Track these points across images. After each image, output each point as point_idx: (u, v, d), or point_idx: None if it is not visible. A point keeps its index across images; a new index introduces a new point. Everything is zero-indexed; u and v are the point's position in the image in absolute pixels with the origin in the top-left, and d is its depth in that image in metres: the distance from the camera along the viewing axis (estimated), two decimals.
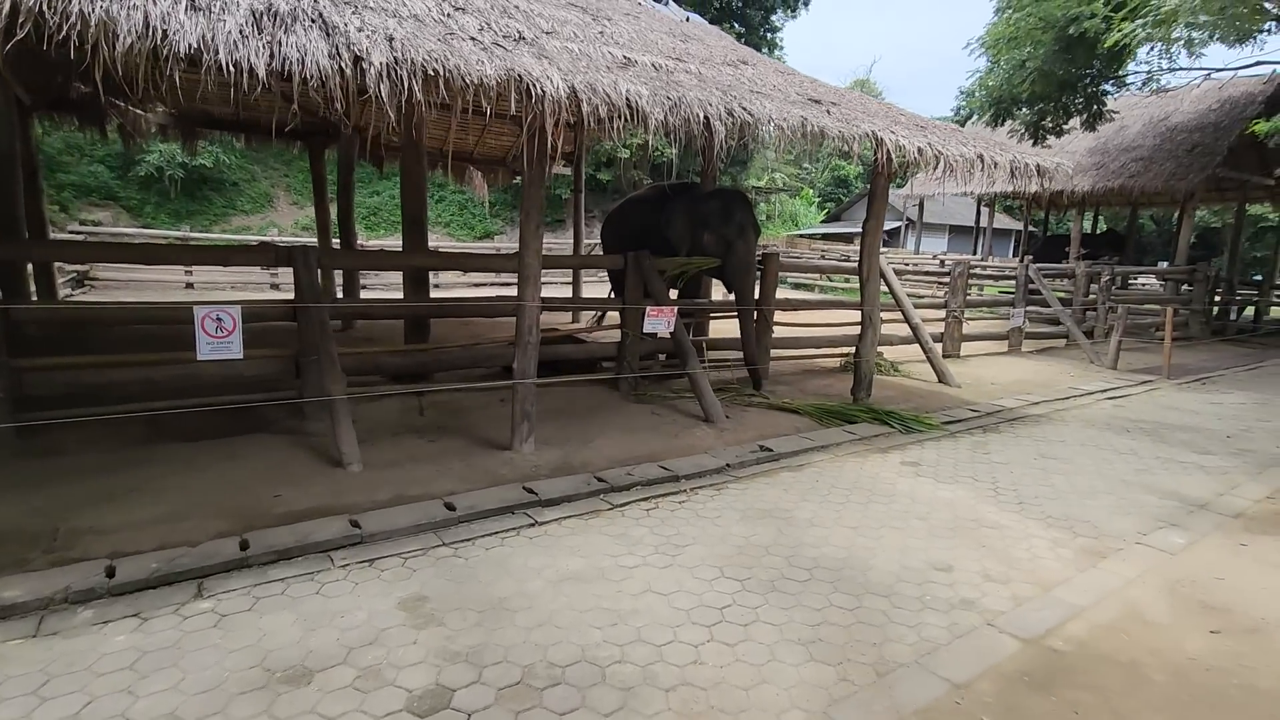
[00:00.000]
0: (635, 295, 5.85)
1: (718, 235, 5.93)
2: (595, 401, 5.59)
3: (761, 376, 6.60)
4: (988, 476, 4.13)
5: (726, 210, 5.96)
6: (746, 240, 5.99)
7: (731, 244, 5.94)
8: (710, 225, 5.93)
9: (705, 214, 5.95)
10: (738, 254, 5.96)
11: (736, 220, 5.93)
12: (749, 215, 6.07)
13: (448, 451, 4.24)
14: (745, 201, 6.21)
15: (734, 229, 5.92)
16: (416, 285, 5.96)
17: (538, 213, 4.00)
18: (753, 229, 6.06)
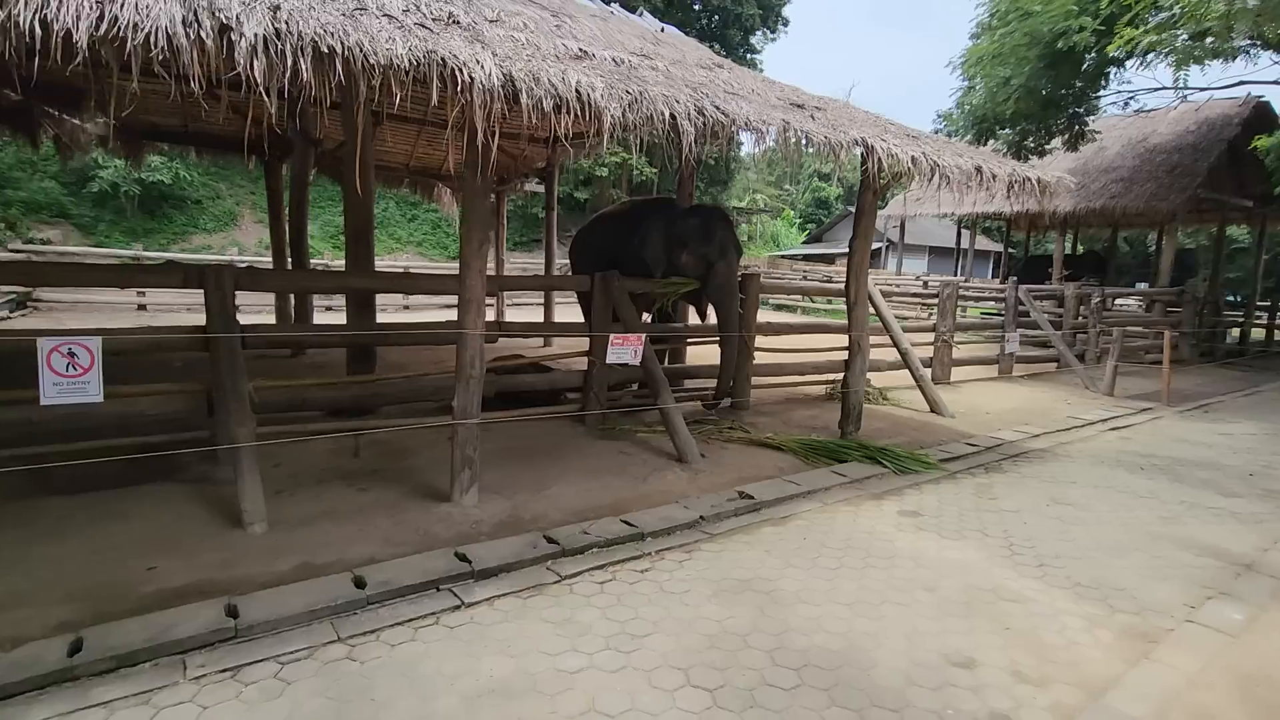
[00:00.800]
0: (603, 320, 5.32)
1: (697, 255, 5.43)
2: (557, 438, 5.02)
3: (743, 408, 6.09)
4: (998, 529, 3.61)
5: (706, 228, 5.47)
6: (728, 261, 5.50)
7: (712, 265, 5.44)
8: (689, 244, 5.43)
9: (683, 232, 5.45)
10: (719, 275, 5.47)
11: (717, 239, 5.44)
12: (730, 234, 5.59)
13: (377, 504, 3.64)
14: (726, 219, 5.73)
15: (714, 249, 5.43)
16: (360, 309, 5.38)
17: (480, 229, 3.46)
18: (734, 249, 5.58)
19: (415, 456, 4.52)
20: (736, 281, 5.61)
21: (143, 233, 16.46)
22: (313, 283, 4.13)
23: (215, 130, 9.50)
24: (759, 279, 6.25)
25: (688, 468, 4.48)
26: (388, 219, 19.65)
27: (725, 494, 3.98)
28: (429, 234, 20.01)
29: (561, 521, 3.52)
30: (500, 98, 2.64)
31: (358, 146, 5.43)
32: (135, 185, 15.84)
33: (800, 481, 4.24)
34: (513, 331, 5.06)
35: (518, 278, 5.09)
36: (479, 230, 3.45)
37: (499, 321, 4.95)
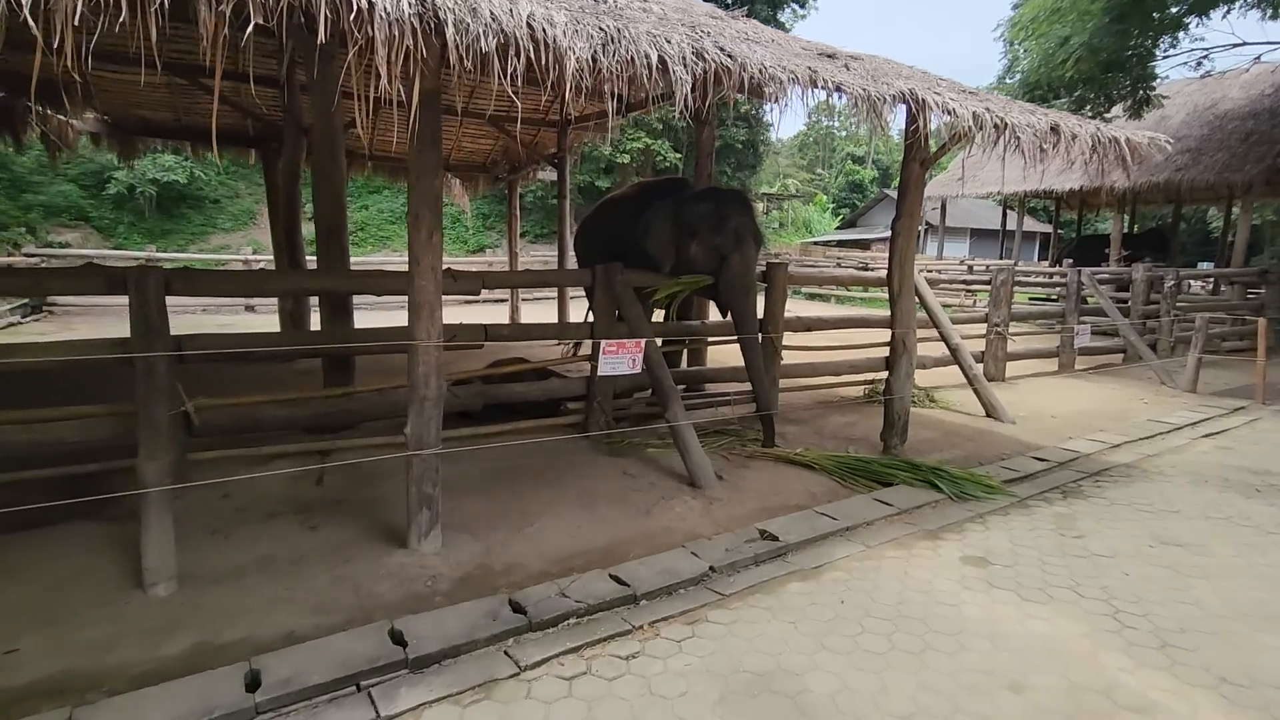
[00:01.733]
0: (605, 320, 4.63)
1: (709, 246, 4.67)
2: (554, 456, 4.36)
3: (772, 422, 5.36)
4: (1093, 584, 2.82)
5: (719, 214, 4.70)
6: (745, 253, 4.74)
7: (726, 257, 4.68)
8: (699, 234, 4.68)
9: (693, 219, 4.70)
10: (734, 270, 4.70)
11: (732, 227, 4.67)
12: (749, 220, 4.81)
13: (322, 550, 3.02)
14: (744, 203, 4.94)
15: (729, 238, 4.66)
16: (335, 313, 4.78)
17: (431, 214, 2.79)
18: (753, 238, 4.80)
19: (386, 482, 3.90)
20: (754, 277, 4.81)
21: (160, 234, 16.31)
22: (261, 284, 3.55)
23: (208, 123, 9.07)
24: (786, 269, 5.48)
25: (701, 494, 3.78)
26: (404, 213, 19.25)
27: (744, 532, 3.26)
28: (447, 228, 19.53)
29: (540, 574, 2.86)
30: (416, 32, 1.95)
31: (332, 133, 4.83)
32: (151, 186, 15.67)
33: (837, 514, 3.49)
34: (501, 335, 4.40)
35: (505, 273, 4.42)
36: (429, 215, 2.78)
37: (484, 325, 4.29)
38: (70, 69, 1.75)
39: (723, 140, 21.03)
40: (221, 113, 8.80)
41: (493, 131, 9.91)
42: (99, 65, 7.44)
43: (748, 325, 4.73)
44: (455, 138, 10.12)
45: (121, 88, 7.96)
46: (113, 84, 7.83)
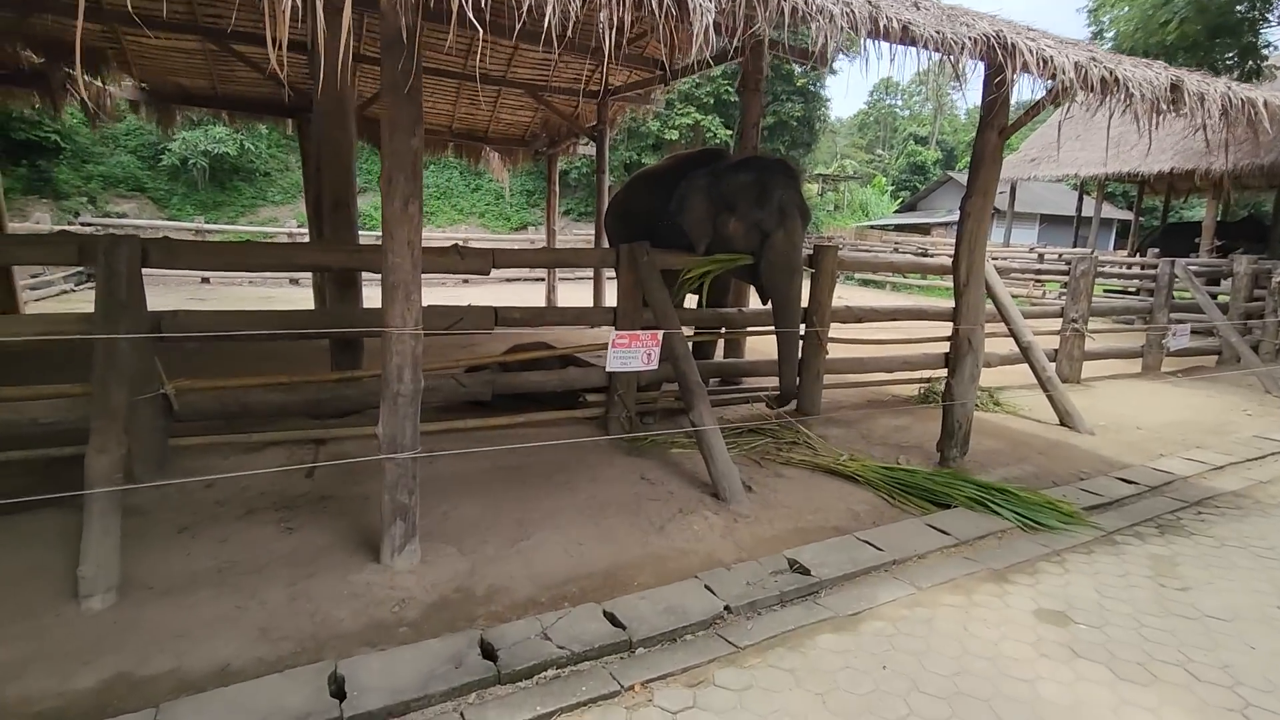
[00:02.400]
0: (630, 304, 4.18)
1: (748, 222, 4.17)
2: (567, 453, 3.96)
3: (810, 413, 4.83)
4: (1210, 659, 2.25)
5: (761, 186, 4.18)
6: (789, 229, 4.20)
7: (768, 235, 4.16)
8: (737, 208, 4.16)
9: (731, 192, 4.19)
10: (777, 249, 4.18)
11: (776, 201, 4.13)
12: (794, 194, 4.26)
13: (291, 558, 2.69)
14: (789, 174, 4.37)
15: (771, 213, 4.14)
16: (343, 289, 4.47)
17: (407, 179, 2.37)
18: (799, 213, 4.26)
19: (380, 477, 3.58)
20: (800, 259, 4.27)
21: (213, 205, 16.56)
22: (245, 257, 3.25)
23: (244, 92, 8.92)
24: (836, 252, 4.90)
25: (725, 508, 3.31)
26: (450, 189, 19.11)
27: (770, 561, 2.79)
28: (491, 205, 19.32)
29: (526, 602, 2.46)
30: None
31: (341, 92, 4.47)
32: (203, 158, 15.86)
33: (882, 543, 2.98)
34: (513, 320, 3.99)
35: (519, 251, 4.01)
36: (404, 182, 2.36)
37: (494, 309, 3.89)
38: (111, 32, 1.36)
39: (776, 116, 20.13)
40: (255, 81, 8.62)
41: (531, 103, 9.49)
42: (133, 30, 7.33)
43: (789, 312, 4.20)
44: (494, 109, 9.75)
45: (158, 54, 7.83)
46: (149, 50, 7.71)
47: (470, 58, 8.39)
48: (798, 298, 4.23)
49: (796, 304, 4.22)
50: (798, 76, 19.30)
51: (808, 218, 4.23)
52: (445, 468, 3.74)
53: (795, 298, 4.21)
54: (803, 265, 4.22)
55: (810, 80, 18.12)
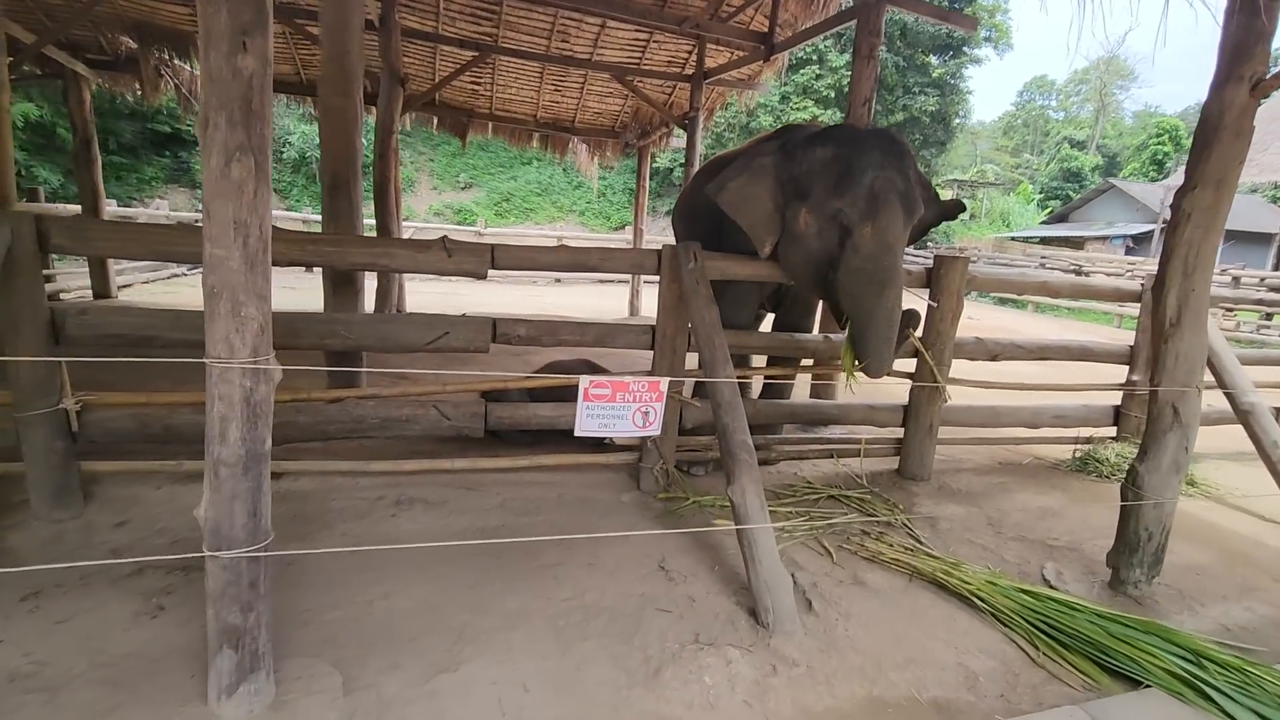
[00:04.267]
0: (671, 326, 3.17)
1: (823, 215, 2.95)
2: (576, 514, 3.01)
3: (918, 479, 3.61)
4: None
5: (845, 164, 2.91)
6: (882, 225, 2.89)
7: (850, 231, 2.93)
8: (811, 194, 2.99)
9: (801, 174, 3.02)
10: (861, 249, 2.90)
11: (864, 184, 2.87)
12: (894, 176, 2.93)
13: (116, 669, 1.90)
14: (888, 149, 3.00)
15: (857, 200, 2.87)
16: (339, 288, 3.75)
17: (233, 126, 1.46)
18: (899, 203, 2.92)
19: (328, 525, 2.79)
20: (895, 266, 2.95)
21: None
22: (169, 244, 2.57)
23: None
24: (964, 265, 3.60)
25: (763, 643, 2.21)
26: (552, 186, 18.75)
27: None
28: (592, 203, 18.78)
29: None
30: None
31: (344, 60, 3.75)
32: (318, 150, 16.35)
33: None
34: (517, 335, 3.08)
35: (530, 250, 3.08)
36: (228, 129, 1.46)
37: (492, 321, 3.00)
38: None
39: (907, 112, 18.19)
40: None
41: (620, 89, 8.63)
42: None
43: (875, 344, 2.95)
44: (580, 95, 8.98)
45: None
46: None
47: (554, 39, 7.64)
48: (888, 320, 2.94)
49: (886, 330, 2.95)
50: (934, 67, 17.28)
51: (913, 210, 2.97)
52: (409, 525, 2.89)
53: (884, 319, 2.93)
54: (900, 276, 2.98)
55: (949, 71, 16.09)
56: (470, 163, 18.50)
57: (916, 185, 3.04)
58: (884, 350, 2.91)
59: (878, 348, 2.91)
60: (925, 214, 3.19)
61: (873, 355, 2.92)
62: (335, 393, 2.99)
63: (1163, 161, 29.80)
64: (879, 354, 2.91)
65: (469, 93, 8.88)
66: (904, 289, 3.07)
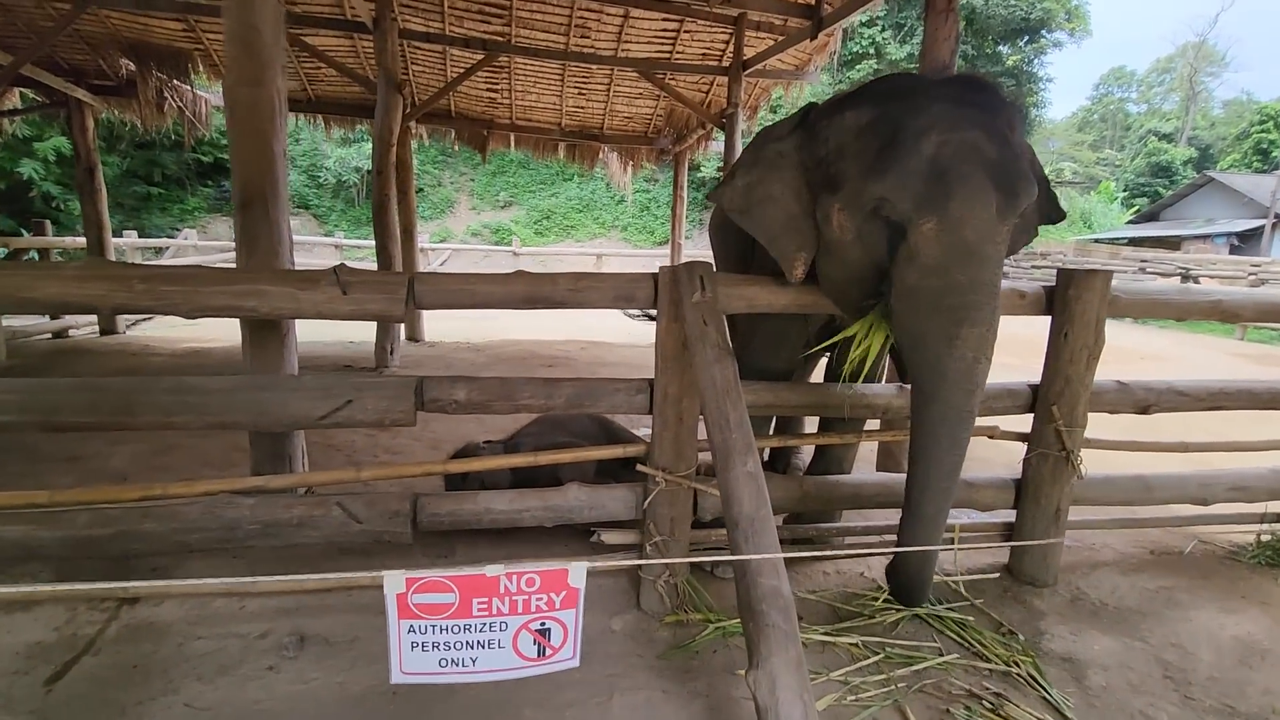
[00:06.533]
0: (676, 382, 2.19)
1: (859, 209, 1.89)
2: None
3: (1038, 584, 2.51)
4: None
5: (889, 127, 1.82)
6: (952, 219, 1.75)
7: (902, 230, 1.83)
8: (841, 181, 1.92)
9: (831, 152, 1.97)
10: (920, 260, 1.81)
11: (922, 155, 1.75)
12: (982, 137, 1.77)
13: None
14: (970, 97, 1.86)
15: (907, 182, 1.76)
16: (255, 334, 2.91)
17: None
18: (992, 181, 1.75)
19: (171, 687, 1.92)
20: (984, 282, 1.81)
21: (365, 221, 16.82)
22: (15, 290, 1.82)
23: (335, 94, 8.12)
24: (1104, 283, 2.48)
25: None
26: (594, 201, 18.04)
27: None
28: (635, 218, 17.95)
29: None
30: None
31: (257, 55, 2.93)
32: (354, 174, 16.13)
33: None
34: (455, 404, 2.15)
35: (460, 279, 2.20)
36: None
37: (417, 381, 2.08)
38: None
39: None
40: (339, 81, 7.72)
41: (651, 89, 7.74)
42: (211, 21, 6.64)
43: (946, 401, 1.86)
44: (607, 98, 8.13)
45: None
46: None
47: (572, 34, 6.81)
48: (970, 372, 1.83)
49: (965, 383, 1.86)
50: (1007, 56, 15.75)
51: (1016, 191, 1.81)
52: (286, 686, 2.00)
53: (962, 370, 1.82)
54: (991, 306, 1.85)
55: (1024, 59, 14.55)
56: (510, 180, 18.01)
57: (1022, 157, 1.93)
58: (960, 400, 1.82)
59: (950, 408, 1.83)
60: (1032, 208, 2.09)
61: (944, 422, 1.84)
62: (198, 485, 2.12)
63: (1268, 150, 26.95)
64: (957, 402, 1.83)
65: (486, 101, 8.16)
66: (997, 326, 1.90)
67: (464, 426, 4.30)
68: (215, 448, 3.83)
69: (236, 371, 2.59)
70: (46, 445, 3.76)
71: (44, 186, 12.54)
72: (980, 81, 1.93)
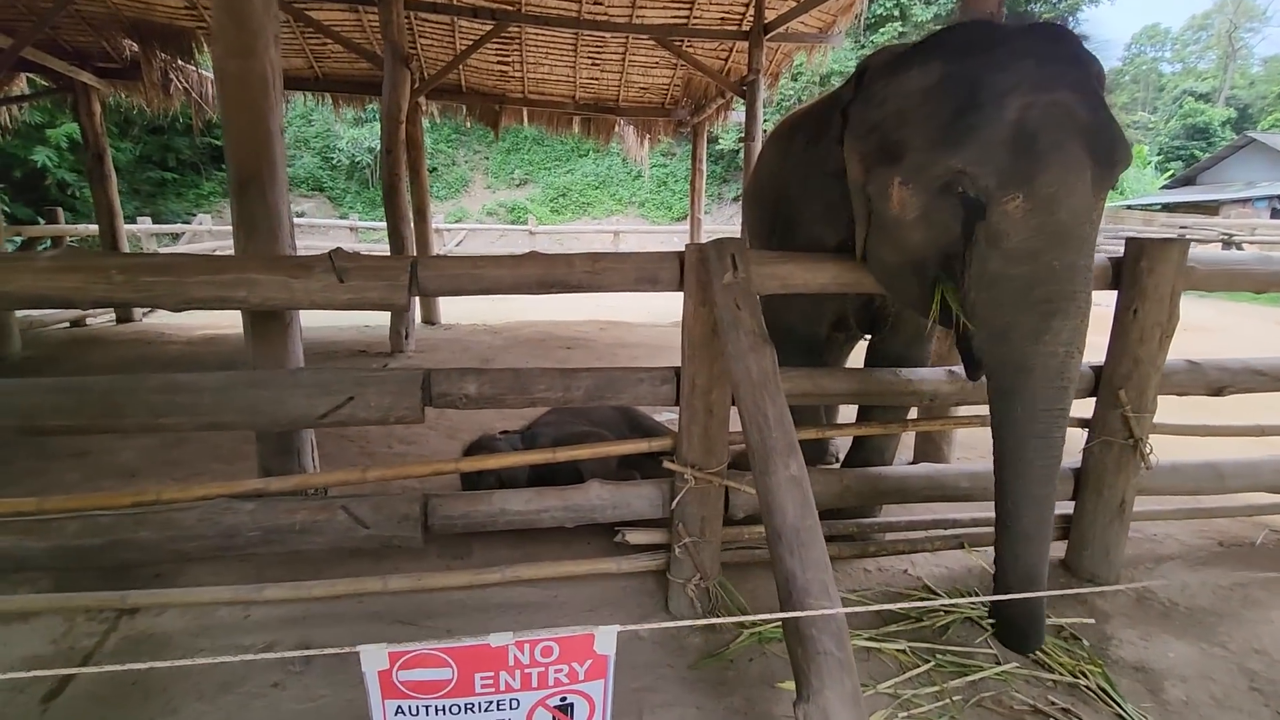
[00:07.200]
0: (704, 371, 1.99)
1: (928, 184, 1.64)
2: None
3: (1096, 579, 2.30)
4: None
5: (963, 88, 1.57)
6: (1043, 194, 1.51)
7: (983, 207, 1.58)
8: (902, 151, 1.68)
9: (889, 117, 1.73)
10: (1005, 243, 1.56)
11: (1006, 120, 1.51)
12: (1074, 98, 1.53)
13: None
14: (1057, 51, 1.61)
15: (991, 153, 1.52)
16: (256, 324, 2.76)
17: None
18: (1087, 151, 1.53)
19: (170, 707, 1.79)
20: (1079, 268, 1.56)
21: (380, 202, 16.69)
22: None
23: (343, 72, 7.90)
24: (1180, 252, 2.22)
25: None
26: (610, 178, 17.70)
27: None
28: (653, 193, 17.58)
29: None
30: None
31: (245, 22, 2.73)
32: (367, 155, 15.95)
33: None
34: (466, 399, 1.98)
35: (463, 261, 2.03)
36: None
37: (424, 374, 1.90)
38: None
39: None
40: (347, 58, 7.50)
41: (668, 57, 7.42)
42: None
43: (1037, 394, 1.62)
44: (622, 68, 7.82)
45: None
46: None
47: (585, 1, 6.52)
48: (1063, 368, 1.60)
49: (1056, 380, 1.62)
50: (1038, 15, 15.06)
51: (1112, 160, 1.58)
52: (292, 705, 1.87)
53: (1053, 367, 1.60)
54: (1085, 295, 1.60)
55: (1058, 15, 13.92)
56: (525, 158, 17.72)
57: (1114, 118, 1.68)
58: (1048, 387, 1.61)
59: (1035, 407, 1.63)
60: None
61: (1027, 426, 1.63)
62: (194, 489, 1.97)
63: None
64: (1035, 418, 1.62)
65: (498, 75, 7.90)
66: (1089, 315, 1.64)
67: (481, 415, 4.16)
68: (226, 441, 3.72)
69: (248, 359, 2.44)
70: (55, 441, 3.67)
71: (58, 174, 12.53)
72: (1063, 32, 1.69)
